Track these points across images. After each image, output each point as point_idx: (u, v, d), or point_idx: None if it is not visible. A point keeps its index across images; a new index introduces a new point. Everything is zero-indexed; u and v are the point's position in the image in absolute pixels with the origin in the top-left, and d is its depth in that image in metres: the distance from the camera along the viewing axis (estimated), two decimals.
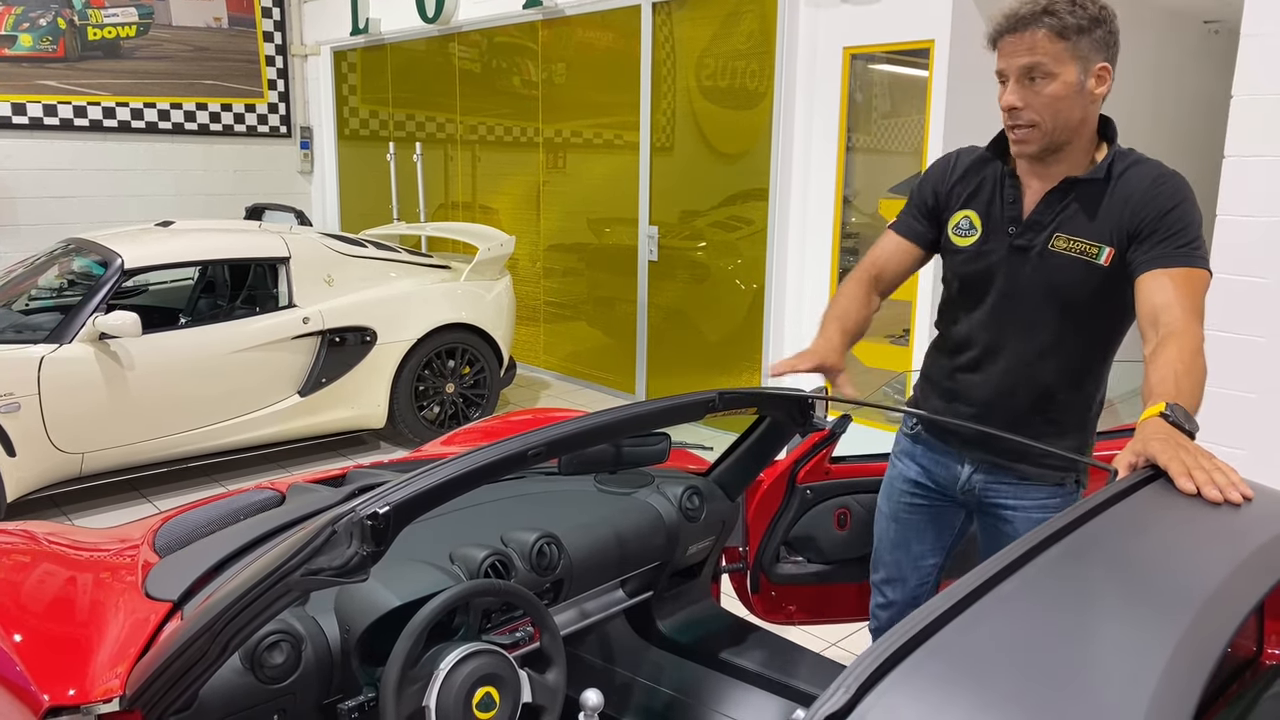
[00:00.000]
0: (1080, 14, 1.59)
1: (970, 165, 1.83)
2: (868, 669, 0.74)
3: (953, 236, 1.82)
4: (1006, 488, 1.83)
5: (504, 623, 1.65)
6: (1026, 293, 1.73)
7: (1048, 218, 1.70)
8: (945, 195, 1.84)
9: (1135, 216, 1.63)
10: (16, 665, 1.52)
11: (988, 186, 1.78)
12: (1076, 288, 1.68)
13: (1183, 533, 1.04)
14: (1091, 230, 1.66)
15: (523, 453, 1.43)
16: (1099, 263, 1.65)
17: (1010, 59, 1.62)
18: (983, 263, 1.77)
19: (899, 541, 2.02)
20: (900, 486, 2.00)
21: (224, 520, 2.03)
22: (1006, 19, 1.62)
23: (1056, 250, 1.69)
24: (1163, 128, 6.11)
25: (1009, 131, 1.69)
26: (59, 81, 7.35)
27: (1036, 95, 1.62)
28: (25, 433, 3.82)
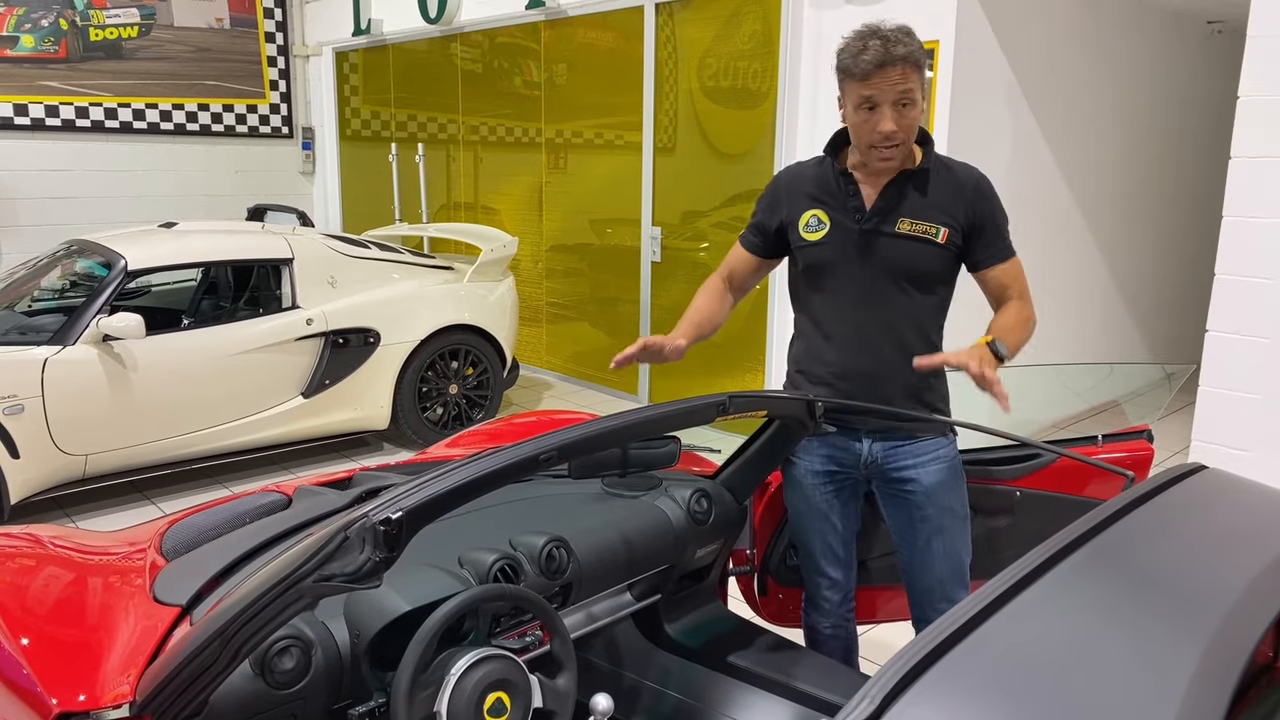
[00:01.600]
0: (921, 50, 1.91)
1: (803, 175, 2.10)
2: (894, 678, 0.74)
3: (803, 234, 2.06)
4: (905, 450, 2.05)
5: (513, 627, 1.64)
6: (879, 271, 1.99)
7: (890, 205, 1.98)
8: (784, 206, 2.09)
9: (970, 212, 1.98)
10: (26, 670, 1.51)
11: (827, 187, 2.04)
12: (921, 263, 1.98)
13: (1204, 538, 1.04)
14: (928, 214, 1.98)
15: (535, 457, 1.43)
16: (938, 240, 1.97)
17: (889, 87, 1.87)
18: (836, 252, 2.02)
19: (825, 526, 2.16)
20: (810, 480, 2.14)
21: (231, 523, 2.03)
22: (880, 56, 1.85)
23: (902, 233, 1.97)
24: (1165, 128, 6.11)
25: (877, 151, 1.92)
26: (61, 82, 7.35)
27: (904, 119, 1.90)
28: (29, 435, 3.82)
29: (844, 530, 2.18)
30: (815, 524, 2.16)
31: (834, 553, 2.19)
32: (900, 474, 2.07)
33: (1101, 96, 5.37)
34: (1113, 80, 5.43)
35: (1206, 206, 6.24)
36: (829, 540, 2.17)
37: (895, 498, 2.10)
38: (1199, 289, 4.51)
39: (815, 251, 2.04)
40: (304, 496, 2.10)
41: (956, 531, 2.08)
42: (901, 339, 2.02)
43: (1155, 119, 5.99)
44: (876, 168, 1.97)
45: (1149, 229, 6.21)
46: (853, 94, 1.90)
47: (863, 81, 1.87)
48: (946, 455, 2.07)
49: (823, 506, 2.14)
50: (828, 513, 2.15)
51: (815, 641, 2.28)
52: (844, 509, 2.16)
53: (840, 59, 1.92)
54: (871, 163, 1.96)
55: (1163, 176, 6.20)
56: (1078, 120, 5.19)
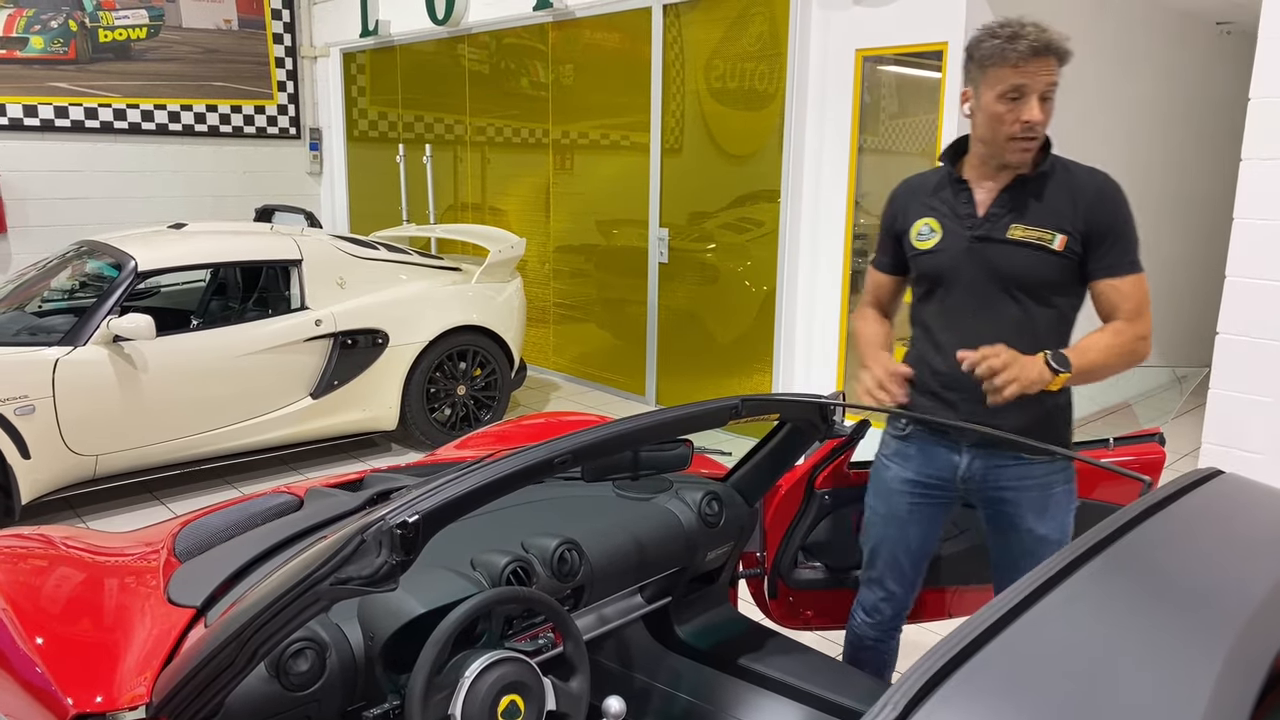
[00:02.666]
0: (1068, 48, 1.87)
1: (916, 187, 2.06)
2: (915, 685, 0.74)
3: (915, 243, 2.01)
4: (1006, 470, 1.95)
5: (526, 629, 1.64)
6: (992, 280, 1.91)
7: (1004, 210, 1.91)
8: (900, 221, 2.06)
9: (1089, 220, 1.87)
10: (41, 671, 1.52)
11: (939, 195, 2.00)
12: (1036, 271, 1.88)
13: (1224, 543, 1.03)
14: (1043, 219, 1.88)
15: (549, 460, 1.43)
16: (1053, 248, 1.87)
17: (1036, 78, 1.82)
18: (947, 259, 1.95)
19: (899, 538, 2.09)
20: (897, 488, 2.07)
21: (243, 525, 2.04)
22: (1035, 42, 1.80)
23: (1015, 239, 1.89)
24: (1174, 128, 6.09)
25: (1017, 143, 1.86)
26: (70, 83, 7.38)
27: (1045, 112, 1.85)
28: (40, 435, 3.84)
29: (918, 548, 2.09)
30: (890, 532, 2.09)
31: (900, 567, 2.10)
32: (999, 494, 1.97)
33: (1111, 98, 5.36)
34: (1122, 81, 5.42)
35: (1217, 208, 6.22)
36: (897, 553, 2.09)
37: (993, 516, 2.02)
38: (1210, 291, 4.50)
39: (926, 260, 1.98)
40: (316, 498, 2.11)
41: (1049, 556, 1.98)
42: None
43: (1165, 120, 5.97)
44: (1013, 162, 1.88)
45: (1159, 231, 6.19)
46: (1000, 82, 1.82)
47: (1015, 69, 1.80)
48: (1053, 482, 1.95)
49: (903, 515, 2.06)
50: (906, 523, 2.06)
51: (856, 648, 2.22)
52: (922, 524, 2.06)
53: (983, 48, 1.83)
54: (1005, 157, 1.88)
55: (1172, 178, 6.19)
56: (1087, 121, 5.18)
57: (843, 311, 4.88)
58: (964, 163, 1.99)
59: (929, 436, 2.02)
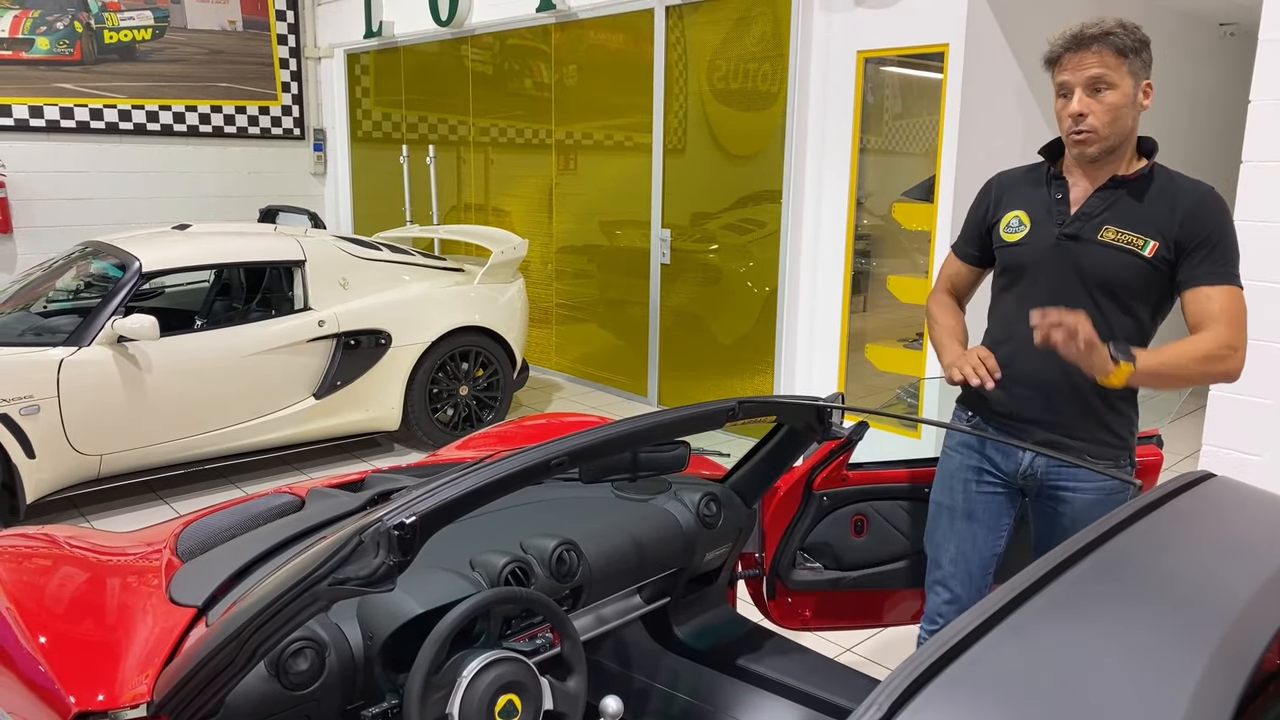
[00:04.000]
0: (1131, 38, 1.81)
1: (1012, 180, 2.04)
2: (900, 686, 0.75)
3: (1003, 234, 2.00)
4: (1068, 469, 1.94)
5: (524, 629, 1.66)
6: (1075, 279, 1.88)
7: (1096, 210, 1.87)
8: (993, 213, 2.04)
9: (1185, 228, 1.81)
10: (44, 669, 1.53)
11: (1036, 188, 1.97)
12: (1122, 275, 1.84)
13: (1212, 546, 1.04)
14: (1137, 224, 1.84)
15: (546, 462, 1.44)
16: (1144, 254, 1.82)
17: (1077, 72, 1.81)
18: (1033, 253, 1.93)
19: (965, 534, 2.05)
20: (964, 476, 2.05)
21: (244, 525, 2.05)
22: (1072, 38, 1.81)
23: (1105, 241, 1.85)
24: (1177, 129, 6.09)
25: (1071, 137, 1.86)
26: (75, 84, 7.41)
27: (1099, 104, 1.81)
28: (45, 435, 3.86)
29: (982, 544, 2.04)
30: (953, 526, 2.05)
31: (967, 567, 2.05)
32: (1055, 491, 1.96)
33: None
34: None
35: None
36: (962, 548, 2.05)
37: (1045, 514, 1.99)
38: None
39: (1012, 253, 1.97)
40: (317, 498, 2.12)
41: None
42: None
43: (1167, 121, 5.97)
44: (1074, 155, 1.88)
45: None
46: (1054, 81, 1.86)
47: (1058, 65, 1.83)
48: (1112, 487, 1.93)
49: (964, 505, 2.03)
50: (970, 514, 2.03)
51: None
52: (987, 516, 2.03)
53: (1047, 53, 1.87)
54: (1070, 153, 1.89)
55: None
56: None
57: (844, 312, 4.89)
58: (1061, 161, 1.98)
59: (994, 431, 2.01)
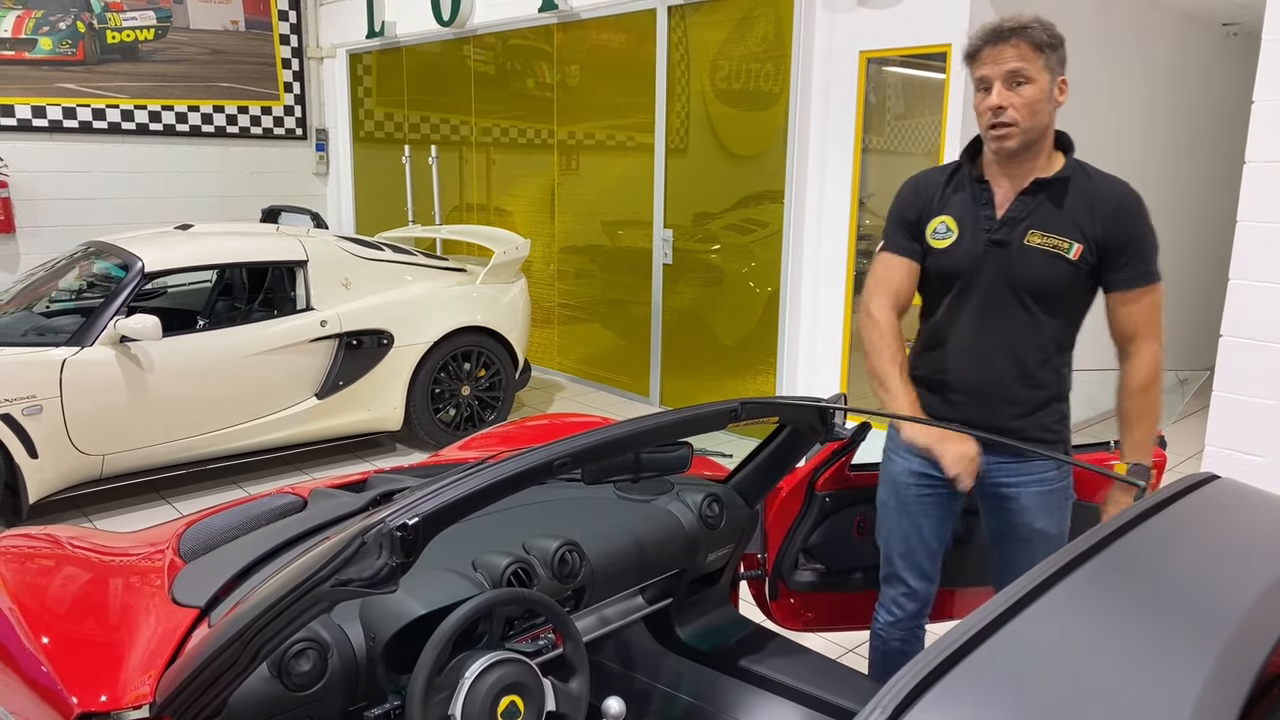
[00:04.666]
0: (1048, 33, 1.85)
1: (938, 179, 2.03)
2: (907, 686, 0.74)
3: (931, 241, 2.00)
4: (1008, 466, 1.98)
5: (526, 630, 1.65)
6: (1004, 283, 1.91)
7: (1022, 214, 1.90)
8: (921, 210, 2.03)
9: (1106, 230, 1.86)
10: (47, 670, 1.53)
11: (959, 192, 1.98)
12: (1051, 279, 1.89)
13: (1216, 548, 1.04)
14: (1060, 227, 1.88)
15: (549, 463, 1.44)
16: (1069, 257, 1.87)
17: (996, 65, 1.84)
18: (962, 259, 1.95)
19: (912, 530, 2.10)
20: (906, 480, 2.09)
21: (247, 525, 2.05)
22: (991, 32, 1.84)
23: (1032, 245, 1.89)
24: (1180, 130, 6.08)
25: (990, 131, 1.87)
26: (78, 84, 7.41)
27: (1018, 97, 1.84)
28: (47, 435, 3.86)
29: (932, 539, 2.10)
30: (902, 525, 2.10)
31: (915, 560, 2.11)
32: (1000, 490, 2.00)
33: (1116, 99, 5.35)
34: (1127, 83, 5.41)
35: (1221, 210, 6.20)
36: (913, 545, 2.10)
37: (993, 509, 2.05)
38: (1213, 294, 4.49)
39: (942, 259, 1.97)
40: (319, 499, 2.12)
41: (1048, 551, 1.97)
42: (1020, 357, 1.93)
43: (1170, 122, 5.96)
44: (992, 149, 1.89)
45: (1163, 233, 6.16)
46: (973, 76, 1.88)
47: (976, 60, 1.85)
48: (1051, 479, 1.99)
49: (914, 509, 2.08)
50: (918, 514, 2.08)
51: (883, 654, 2.21)
52: (931, 515, 2.08)
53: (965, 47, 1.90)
54: (988, 147, 1.90)
55: (1177, 179, 6.17)
56: (1092, 123, 5.17)
57: (847, 313, 4.88)
58: (981, 161, 1.99)
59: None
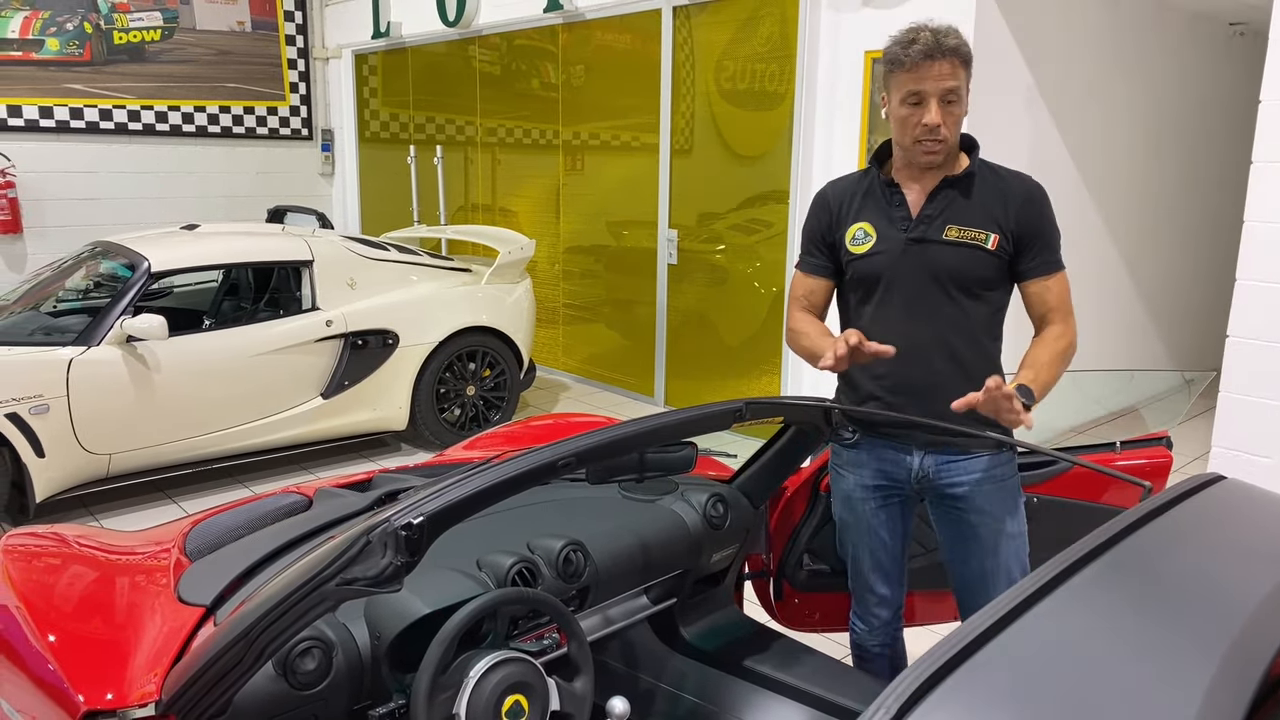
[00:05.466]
0: (969, 48, 1.89)
1: (846, 189, 2.06)
2: (909, 688, 0.74)
3: (850, 247, 2.01)
4: (957, 465, 1.99)
5: (530, 629, 1.66)
6: (927, 280, 1.95)
7: (936, 212, 1.94)
8: (834, 223, 2.05)
9: (1019, 222, 1.92)
10: (53, 668, 1.54)
11: (872, 198, 2.01)
12: (973, 269, 1.93)
13: (1222, 549, 1.04)
14: (975, 220, 1.93)
15: (553, 463, 1.44)
16: (987, 247, 1.92)
17: (935, 82, 1.84)
18: (885, 261, 1.97)
19: (875, 542, 2.11)
20: (858, 495, 2.10)
21: (252, 524, 2.06)
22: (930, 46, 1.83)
23: (950, 239, 1.93)
24: (1186, 130, 6.06)
25: (922, 145, 1.89)
26: (85, 85, 7.44)
27: (950, 115, 1.87)
28: (54, 434, 3.88)
29: (893, 545, 2.11)
30: (864, 539, 2.11)
31: (882, 569, 2.13)
32: (951, 490, 2.00)
33: (1122, 99, 5.33)
34: (1133, 82, 5.40)
35: (1228, 210, 6.18)
36: (878, 555, 2.12)
37: (946, 514, 2.04)
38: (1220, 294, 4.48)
39: (863, 264, 1.99)
40: (324, 498, 2.13)
41: (1011, 552, 2.01)
42: (954, 350, 1.96)
43: (1176, 121, 5.94)
44: (921, 163, 1.92)
45: (1169, 233, 6.16)
46: (899, 87, 1.87)
47: (910, 73, 1.83)
48: (1001, 474, 2.00)
49: (872, 521, 2.09)
50: (876, 528, 2.09)
51: (862, 659, 2.22)
52: (893, 524, 2.10)
53: (888, 51, 1.88)
54: (915, 159, 1.92)
55: (1183, 179, 6.16)
56: (1098, 122, 5.16)
57: None
58: (890, 166, 2.02)
59: (878, 440, 2.04)
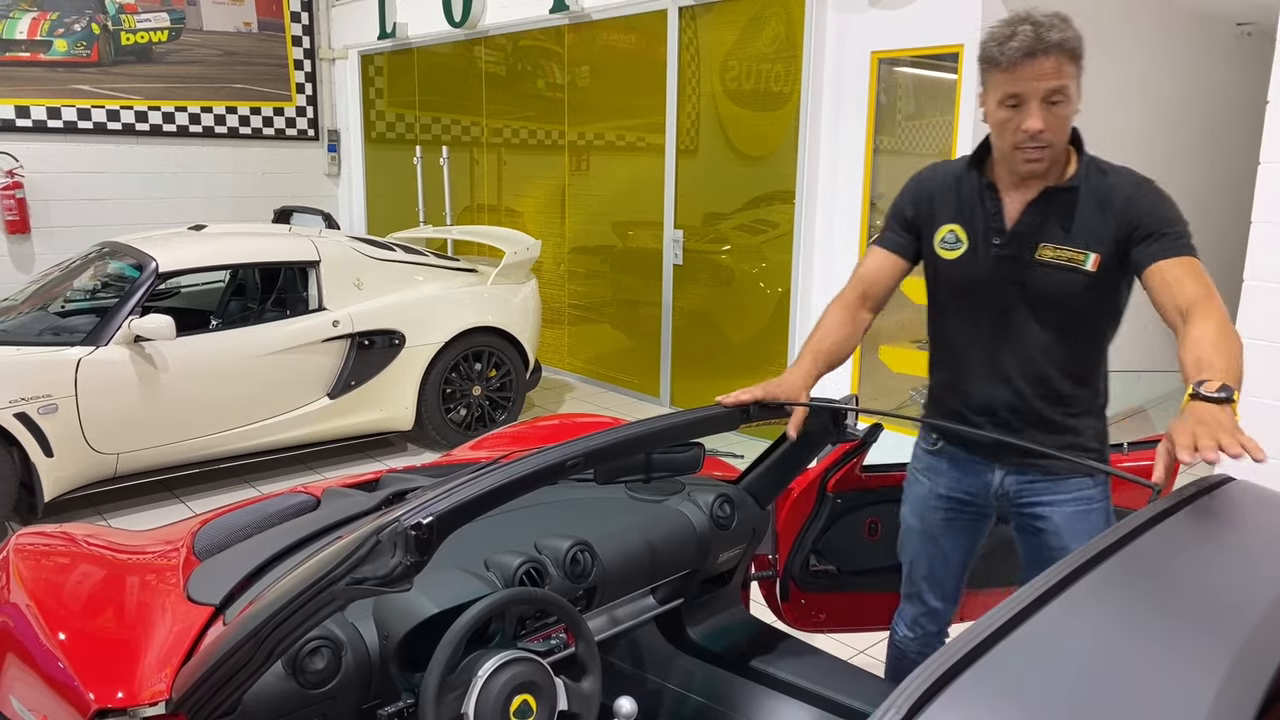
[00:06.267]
0: (1078, 38, 1.66)
1: (946, 180, 1.88)
2: (917, 690, 0.75)
3: (939, 250, 1.87)
4: (1040, 486, 1.85)
5: (538, 629, 1.66)
6: (1016, 300, 1.79)
7: (1032, 228, 1.75)
8: (925, 211, 1.89)
9: (1127, 222, 1.69)
10: (64, 666, 1.55)
11: (968, 199, 1.83)
12: (1066, 294, 1.74)
13: (1232, 550, 1.04)
14: (1075, 238, 1.73)
15: (561, 463, 1.45)
16: (1086, 268, 1.72)
17: (1036, 82, 1.63)
18: (972, 273, 1.82)
19: (936, 554, 2.04)
20: (932, 503, 2.01)
21: (261, 524, 2.06)
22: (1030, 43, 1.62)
23: (1044, 259, 1.75)
24: (1194, 129, 6.05)
25: (1024, 152, 1.70)
26: (93, 86, 7.47)
27: (1055, 118, 1.66)
28: (62, 434, 3.89)
29: (954, 560, 2.02)
30: (925, 547, 2.04)
31: (938, 582, 2.05)
32: (1032, 511, 1.87)
33: (1129, 99, 5.32)
34: (1141, 83, 5.38)
35: (1235, 211, 6.16)
36: (935, 567, 2.04)
37: (1028, 537, 1.92)
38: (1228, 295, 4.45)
39: (952, 270, 1.84)
40: (332, 498, 2.13)
41: None
42: (1043, 377, 1.79)
43: (1184, 122, 5.93)
44: (1022, 172, 1.73)
45: None
46: (996, 88, 1.67)
47: (1007, 73, 1.63)
48: (1089, 497, 1.84)
49: (934, 531, 2.01)
50: (940, 539, 2.01)
51: (899, 660, 2.17)
52: (958, 539, 2.00)
53: (983, 47, 1.68)
54: (1015, 166, 1.73)
55: (1189, 180, 6.14)
56: (1105, 123, 5.15)
57: None
58: (989, 166, 1.83)
59: (961, 452, 1.94)
